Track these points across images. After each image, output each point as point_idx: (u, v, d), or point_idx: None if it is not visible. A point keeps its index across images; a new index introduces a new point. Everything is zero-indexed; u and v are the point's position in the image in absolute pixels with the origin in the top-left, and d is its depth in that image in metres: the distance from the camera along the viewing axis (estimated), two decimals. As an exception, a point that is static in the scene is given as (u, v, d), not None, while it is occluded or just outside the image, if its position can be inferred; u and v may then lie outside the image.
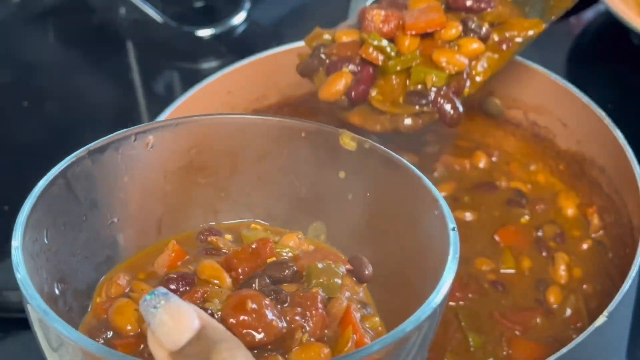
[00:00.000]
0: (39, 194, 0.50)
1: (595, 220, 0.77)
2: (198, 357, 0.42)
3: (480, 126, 0.83)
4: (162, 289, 0.43)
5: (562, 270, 0.73)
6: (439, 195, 0.50)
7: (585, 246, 0.76)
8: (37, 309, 0.45)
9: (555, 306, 0.71)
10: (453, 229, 0.48)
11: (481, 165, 0.81)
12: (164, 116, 0.76)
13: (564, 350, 0.61)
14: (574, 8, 0.79)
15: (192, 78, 0.89)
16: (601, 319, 0.62)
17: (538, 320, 0.70)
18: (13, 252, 0.48)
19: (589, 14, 1.08)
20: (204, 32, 1.05)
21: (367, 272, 0.51)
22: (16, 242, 0.48)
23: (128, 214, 0.54)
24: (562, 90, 0.78)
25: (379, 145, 0.53)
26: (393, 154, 0.52)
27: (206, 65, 1.03)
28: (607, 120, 0.75)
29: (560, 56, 1.03)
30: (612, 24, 1.00)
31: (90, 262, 0.52)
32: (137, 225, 0.55)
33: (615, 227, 0.75)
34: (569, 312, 0.71)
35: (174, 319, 0.42)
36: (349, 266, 0.50)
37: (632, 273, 0.65)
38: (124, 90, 1.00)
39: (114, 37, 1.07)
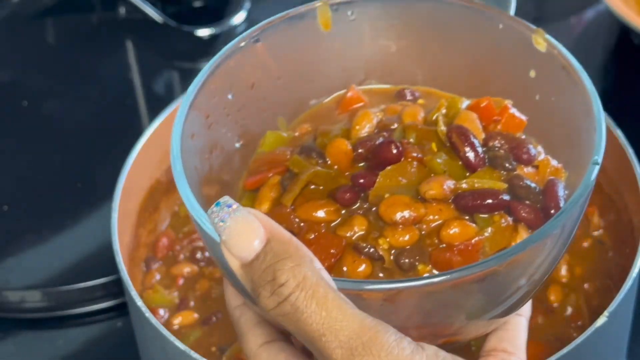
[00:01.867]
0: (228, 50, 0.53)
1: (596, 219, 0.77)
2: (266, 273, 0.42)
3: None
4: (229, 200, 0.43)
5: (562, 269, 0.73)
6: (601, 122, 0.49)
7: (585, 245, 0.76)
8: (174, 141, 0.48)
9: (556, 305, 0.71)
10: (594, 163, 0.47)
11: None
12: (164, 116, 0.76)
13: (565, 350, 0.61)
14: (574, 8, 0.78)
15: (192, 78, 0.89)
16: (602, 319, 0.62)
17: (539, 319, 0.70)
18: (182, 103, 0.50)
19: (589, 14, 1.08)
20: (204, 32, 1.05)
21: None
22: (189, 94, 0.51)
23: (322, 75, 0.57)
24: (562, 90, 0.78)
25: (566, 51, 0.53)
26: (577, 65, 0.52)
27: (206, 65, 1.03)
28: (608, 120, 0.75)
29: (560, 56, 1.03)
30: (612, 24, 1.00)
31: (273, 118, 0.55)
32: (330, 85, 0.57)
33: (616, 227, 0.75)
34: (569, 310, 0.71)
35: (242, 232, 0.42)
36: None
37: (633, 273, 0.65)
38: (123, 90, 1.00)
39: (114, 37, 1.07)
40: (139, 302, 0.64)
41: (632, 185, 0.71)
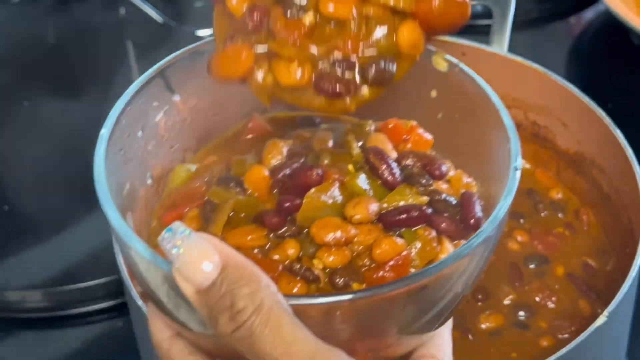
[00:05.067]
0: (137, 85, 0.53)
1: (595, 220, 0.77)
2: (223, 299, 0.42)
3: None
4: (181, 225, 0.43)
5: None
6: (513, 130, 0.50)
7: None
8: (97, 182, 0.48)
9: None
10: (515, 169, 0.48)
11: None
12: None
13: (565, 350, 0.61)
14: (573, 8, 0.79)
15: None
16: (601, 319, 0.62)
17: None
18: (99, 139, 0.49)
19: (589, 14, 1.08)
20: (204, 32, 1.05)
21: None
22: (106, 130, 0.50)
23: (226, 107, 0.57)
24: (562, 90, 0.78)
25: (468, 69, 0.53)
26: (482, 83, 0.52)
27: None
28: (607, 120, 0.75)
29: (560, 56, 1.03)
30: (612, 24, 1.00)
31: (181, 153, 0.55)
32: (233, 115, 0.57)
33: (615, 227, 0.75)
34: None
35: (197, 259, 0.42)
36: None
37: (632, 273, 0.65)
38: (123, 90, 1.00)
39: (114, 37, 1.07)
40: (139, 302, 0.64)
41: (632, 185, 0.71)
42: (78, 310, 0.80)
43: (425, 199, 0.50)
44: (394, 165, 0.51)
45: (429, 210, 0.50)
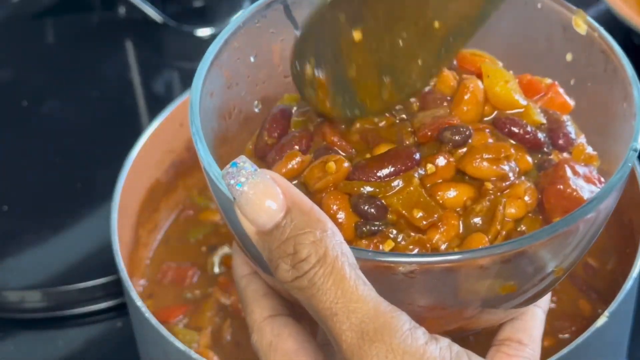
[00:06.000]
0: (254, 9, 0.50)
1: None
2: (286, 245, 0.39)
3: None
4: (246, 161, 0.40)
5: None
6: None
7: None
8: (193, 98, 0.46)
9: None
10: (635, 150, 0.45)
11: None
12: (164, 116, 0.76)
13: (565, 350, 0.61)
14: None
15: (191, 78, 0.88)
16: (602, 319, 0.62)
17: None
18: (203, 59, 0.48)
19: (589, 14, 1.08)
20: (204, 32, 1.05)
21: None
22: (211, 49, 0.49)
23: None
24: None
25: (607, 35, 0.51)
26: (620, 51, 0.50)
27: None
28: (608, 120, 0.75)
29: (561, 56, 1.03)
30: (612, 24, 1.00)
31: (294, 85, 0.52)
32: None
33: (615, 227, 0.75)
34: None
35: (261, 198, 0.39)
36: None
37: (633, 273, 0.65)
38: (123, 90, 1.00)
39: (114, 37, 1.07)
40: (139, 303, 0.64)
41: (632, 185, 0.71)
42: (77, 310, 0.80)
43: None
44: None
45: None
